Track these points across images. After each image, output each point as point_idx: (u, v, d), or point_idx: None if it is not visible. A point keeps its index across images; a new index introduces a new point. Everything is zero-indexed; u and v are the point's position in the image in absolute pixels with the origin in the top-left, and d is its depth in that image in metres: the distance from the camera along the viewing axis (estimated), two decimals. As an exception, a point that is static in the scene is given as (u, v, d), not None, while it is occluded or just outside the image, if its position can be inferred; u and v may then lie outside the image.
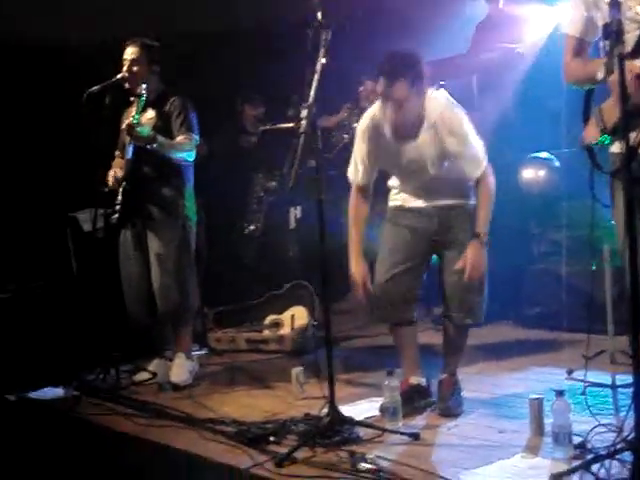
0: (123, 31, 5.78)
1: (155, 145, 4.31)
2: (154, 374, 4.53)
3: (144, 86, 4.41)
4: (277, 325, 5.29)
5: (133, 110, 4.43)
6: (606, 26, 2.29)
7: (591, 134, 2.79)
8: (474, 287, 3.57)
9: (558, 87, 5.50)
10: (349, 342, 5.25)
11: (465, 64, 6.27)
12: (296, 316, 5.21)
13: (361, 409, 3.64)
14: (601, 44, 2.70)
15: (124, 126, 4.40)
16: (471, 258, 3.49)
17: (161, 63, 4.60)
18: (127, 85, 4.51)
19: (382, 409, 3.47)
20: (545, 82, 6.04)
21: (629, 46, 2.45)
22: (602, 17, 2.71)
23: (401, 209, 3.74)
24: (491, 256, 5.02)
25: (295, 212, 5.92)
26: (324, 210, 3.32)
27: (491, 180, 3.61)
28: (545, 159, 5.60)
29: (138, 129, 4.28)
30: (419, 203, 3.69)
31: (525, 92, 6.25)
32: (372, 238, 5.57)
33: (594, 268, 4.50)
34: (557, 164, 5.55)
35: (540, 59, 6.33)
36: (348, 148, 3.99)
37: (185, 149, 4.45)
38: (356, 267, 3.66)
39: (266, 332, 5.30)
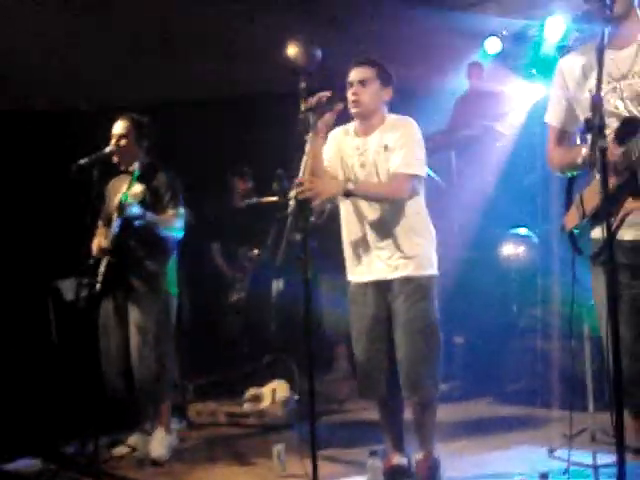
0: (110, 98, 5.93)
1: (144, 222, 4.36)
2: (133, 448, 4.48)
3: (136, 165, 4.45)
4: (258, 399, 5.25)
5: (122, 185, 4.46)
6: (587, 121, 2.38)
7: (572, 220, 2.88)
8: (420, 361, 3.53)
9: (535, 164, 5.70)
10: (331, 417, 5.21)
11: (444, 140, 6.42)
12: (277, 389, 5.19)
13: (344, 488, 3.63)
14: (582, 135, 2.81)
15: (114, 203, 4.41)
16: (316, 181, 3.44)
17: (149, 137, 4.66)
18: (115, 158, 4.56)
19: (365, 489, 3.46)
20: (523, 158, 6.22)
21: (609, 137, 2.54)
22: (582, 110, 2.83)
23: (352, 286, 3.74)
24: (470, 331, 5.10)
25: (277, 284, 5.94)
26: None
27: (402, 186, 3.53)
28: (524, 235, 5.70)
29: (128, 208, 4.31)
30: (362, 275, 3.67)
31: (504, 168, 6.40)
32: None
33: (571, 346, 4.58)
34: (536, 240, 5.65)
35: (519, 136, 6.52)
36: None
37: (173, 225, 4.51)
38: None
39: (246, 406, 5.26)
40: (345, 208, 3.74)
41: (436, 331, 3.62)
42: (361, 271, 3.70)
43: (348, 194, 3.50)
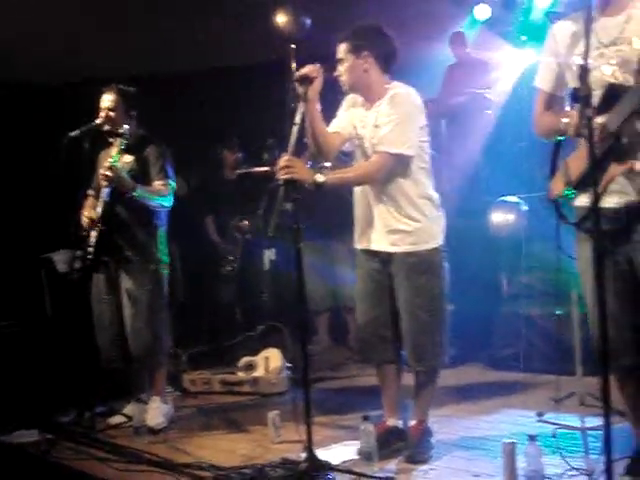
0: (99, 71, 5.92)
1: (133, 192, 4.37)
2: (129, 417, 4.53)
3: (126, 127, 4.47)
4: (251, 367, 5.30)
5: (113, 151, 4.48)
6: (575, 90, 2.41)
7: (557, 187, 2.89)
8: (423, 333, 3.57)
9: (524, 131, 5.71)
10: (323, 383, 5.27)
11: (435, 108, 6.41)
12: (270, 358, 5.24)
13: (338, 453, 3.69)
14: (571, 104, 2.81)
15: (102, 169, 4.42)
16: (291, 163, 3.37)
17: (137, 107, 4.66)
18: (105, 129, 4.57)
19: (360, 453, 3.52)
20: (512, 126, 6.23)
21: (594, 104, 2.56)
22: (572, 76, 2.84)
23: (359, 252, 3.77)
24: (461, 298, 5.15)
25: (269, 254, 5.98)
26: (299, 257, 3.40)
27: (378, 166, 3.51)
28: (513, 203, 5.72)
29: (118, 172, 4.34)
30: (365, 245, 3.70)
31: (493, 136, 6.41)
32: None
33: (558, 313, 4.66)
34: (525, 208, 5.68)
35: (508, 103, 6.52)
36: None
37: (162, 196, 4.53)
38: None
39: (240, 374, 5.31)
40: None
41: (440, 303, 3.63)
42: (364, 240, 3.72)
43: (318, 186, 3.42)
